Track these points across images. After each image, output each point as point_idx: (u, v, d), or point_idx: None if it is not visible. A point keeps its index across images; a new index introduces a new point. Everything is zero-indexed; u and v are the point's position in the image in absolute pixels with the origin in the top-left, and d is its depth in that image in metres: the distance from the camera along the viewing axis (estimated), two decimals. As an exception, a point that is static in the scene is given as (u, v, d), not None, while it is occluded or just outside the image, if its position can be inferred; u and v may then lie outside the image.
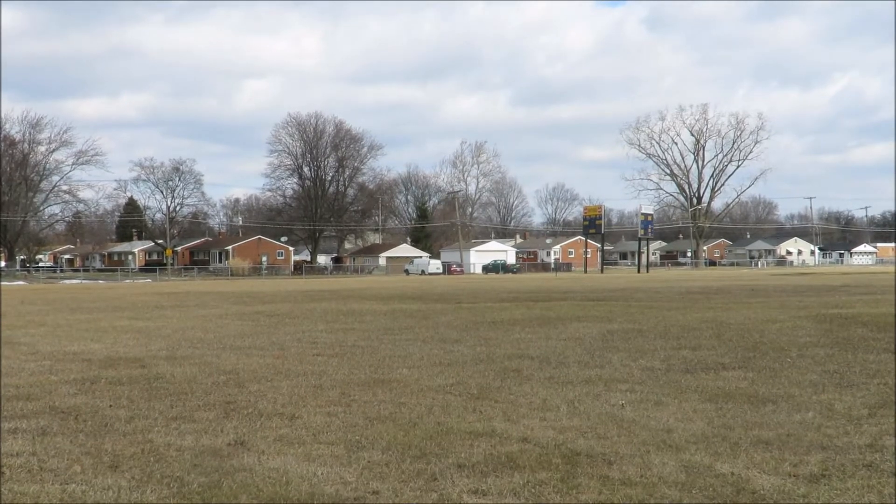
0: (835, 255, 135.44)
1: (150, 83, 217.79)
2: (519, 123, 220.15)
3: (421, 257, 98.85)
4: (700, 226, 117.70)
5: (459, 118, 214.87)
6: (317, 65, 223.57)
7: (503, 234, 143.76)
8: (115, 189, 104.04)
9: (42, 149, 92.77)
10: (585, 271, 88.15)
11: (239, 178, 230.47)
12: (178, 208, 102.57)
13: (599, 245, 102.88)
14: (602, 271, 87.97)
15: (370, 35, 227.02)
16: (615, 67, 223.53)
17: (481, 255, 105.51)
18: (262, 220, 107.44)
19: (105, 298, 32.46)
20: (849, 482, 5.32)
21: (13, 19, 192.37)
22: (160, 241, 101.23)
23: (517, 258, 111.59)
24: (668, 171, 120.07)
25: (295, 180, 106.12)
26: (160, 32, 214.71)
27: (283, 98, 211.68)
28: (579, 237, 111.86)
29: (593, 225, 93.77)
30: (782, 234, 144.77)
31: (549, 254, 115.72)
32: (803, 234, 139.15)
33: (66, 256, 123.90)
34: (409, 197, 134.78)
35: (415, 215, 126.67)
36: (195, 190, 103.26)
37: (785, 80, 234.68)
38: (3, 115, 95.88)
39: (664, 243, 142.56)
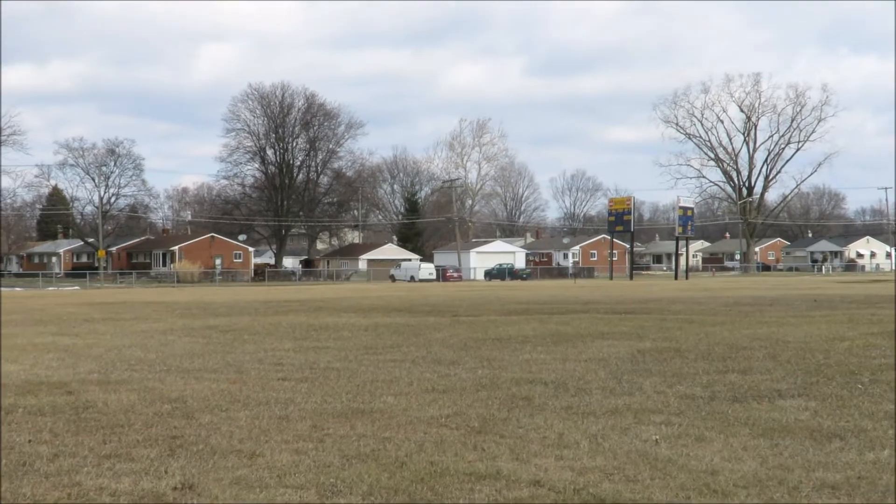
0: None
1: (86, 47, 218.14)
2: (532, 98, 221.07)
3: (410, 260, 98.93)
4: (751, 222, 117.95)
5: (460, 91, 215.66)
6: (289, 25, 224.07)
7: (510, 231, 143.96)
8: (36, 176, 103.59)
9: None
10: (611, 278, 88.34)
11: (188, 162, 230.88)
12: (112, 200, 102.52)
13: (628, 246, 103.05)
14: (631, 277, 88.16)
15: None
16: (651, 30, 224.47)
17: (484, 257, 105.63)
18: (216, 214, 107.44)
19: (23, 310, 32.40)
20: (933, 535, 5.33)
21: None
22: (91, 241, 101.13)
23: (527, 261, 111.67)
24: (713, 156, 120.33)
25: (256, 166, 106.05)
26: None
27: (247, 66, 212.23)
28: (603, 236, 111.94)
29: (620, 221, 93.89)
30: (852, 232, 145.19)
31: (566, 256, 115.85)
32: (877, 232, 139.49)
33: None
34: (395, 186, 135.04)
35: (403, 209, 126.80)
36: (134, 177, 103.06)
37: (858, 45, 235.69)
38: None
39: (707, 244, 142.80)
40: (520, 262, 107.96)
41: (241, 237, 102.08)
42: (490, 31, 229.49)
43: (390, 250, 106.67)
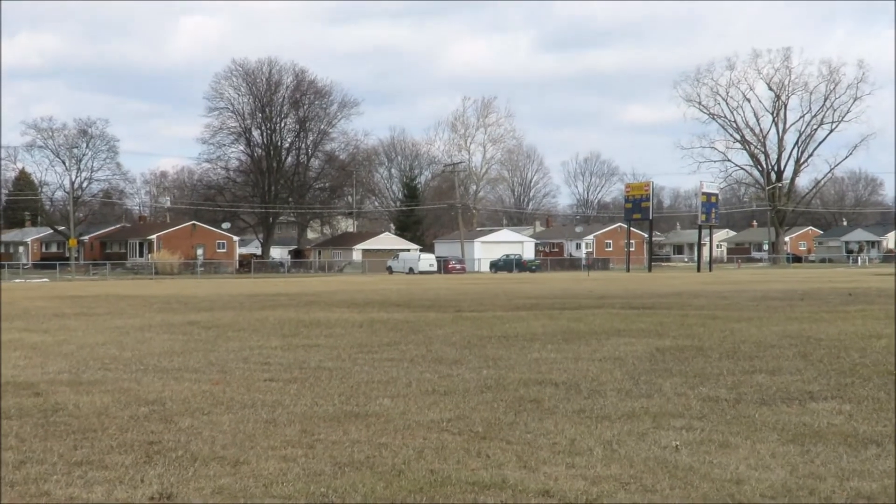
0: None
1: (56, 20, 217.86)
2: (543, 75, 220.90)
3: (409, 251, 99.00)
4: (781, 210, 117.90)
5: (465, 68, 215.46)
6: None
7: (518, 220, 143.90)
8: (2, 159, 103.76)
9: None
10: (628, 270, 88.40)
11: (167, 144, 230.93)
12: (85, 184, 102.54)
13: (646, 235, 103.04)
14: (650, 270, 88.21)
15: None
16: (673, 2, 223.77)
17: (489, 247, 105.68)
18: (198, 200, 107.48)
19: (-13, 304, 32.41)
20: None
21: None
22: (61, 229, 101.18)
23: (537, 252, 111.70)
24: (738, 137, 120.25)
25: (241, 148, 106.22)
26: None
27: (231, 41, 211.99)
28: (619, 225, 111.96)
29: (638, 208, 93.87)
30: (890, 220, 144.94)
31: (578, 246, 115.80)
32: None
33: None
34: (393, 170, 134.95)
35: (401, 195, 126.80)
36: (108, 160, 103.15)
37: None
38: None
39: (733, 233, 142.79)
40: (528, 252, 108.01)
41: (225, 225, 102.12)
42: (497, 2, 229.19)
43: (387, 240, 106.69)
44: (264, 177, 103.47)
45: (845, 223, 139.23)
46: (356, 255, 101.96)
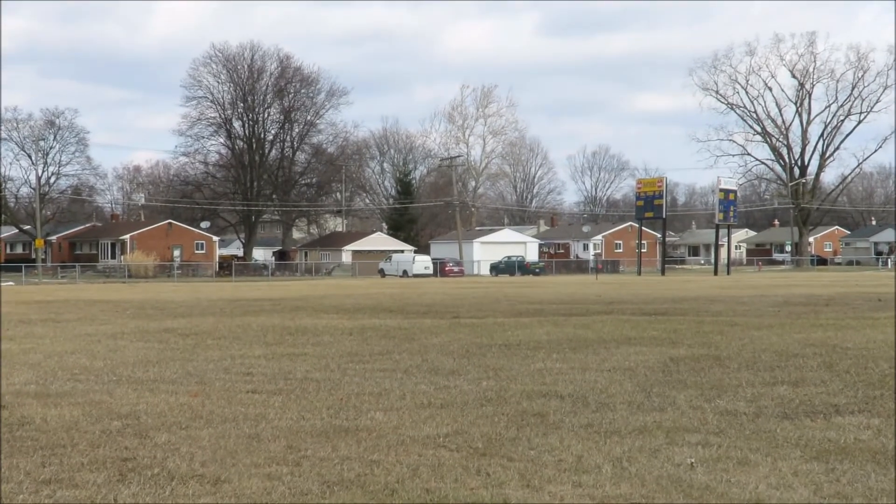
0: None
1: (24, 2, 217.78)
2: (548, 61, 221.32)
3: (402, 252, 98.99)
4: (804, 208, 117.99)
5: (463, 53, 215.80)
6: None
7: (521, 218, 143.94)
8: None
9: None
10: (639, 273, 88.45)
11: (141, 136, 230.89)
12: (52, 180, 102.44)
13: (659, 235, 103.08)
14: (663, 273, 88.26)
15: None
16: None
17: (489, 248, 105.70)
18: (174, 197, 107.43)
19: (-53, 309, 32.38)
20: None
21: None
22: (27, 228, 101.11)
23: (541, 253, 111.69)
24: (759, 129, 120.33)
25: (221, 140, 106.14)
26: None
27: (210, 24, 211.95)
28: (630, 224, 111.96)
29: (650, 206, 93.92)
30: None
31: (586, 247, 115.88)
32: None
33: None
34: (385, 165, 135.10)
35: (394, 191, 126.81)
36: (77, 154, 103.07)
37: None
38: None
39: (753, 233, 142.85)
40: (532, 254, 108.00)
41: (204, 224, 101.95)
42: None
43: (379, 240, 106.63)
44: (246, 171, 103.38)
45: (874, 222, 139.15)
46: (345, 257, 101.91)
